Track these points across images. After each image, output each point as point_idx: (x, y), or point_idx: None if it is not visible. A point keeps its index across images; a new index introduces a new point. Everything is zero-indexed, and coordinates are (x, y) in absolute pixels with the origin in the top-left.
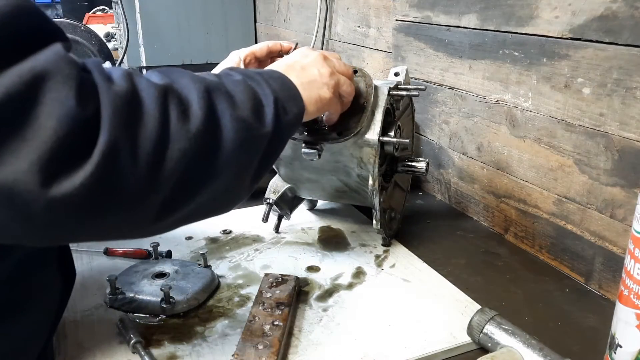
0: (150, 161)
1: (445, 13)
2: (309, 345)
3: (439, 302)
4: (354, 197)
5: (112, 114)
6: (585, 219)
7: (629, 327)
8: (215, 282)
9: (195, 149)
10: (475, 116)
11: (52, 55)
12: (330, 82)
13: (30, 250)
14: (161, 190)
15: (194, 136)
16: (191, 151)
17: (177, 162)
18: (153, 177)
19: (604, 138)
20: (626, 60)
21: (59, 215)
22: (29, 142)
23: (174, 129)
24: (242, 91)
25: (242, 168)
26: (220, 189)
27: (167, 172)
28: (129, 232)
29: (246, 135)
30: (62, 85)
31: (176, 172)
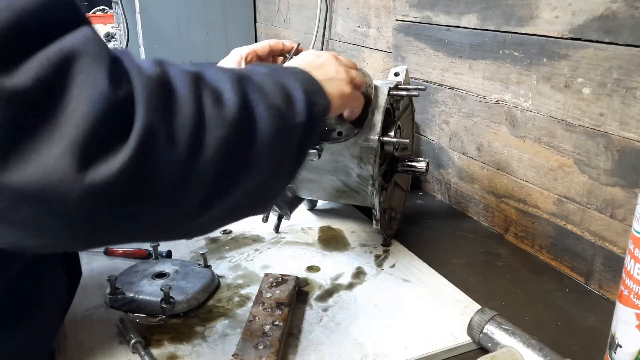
0: (188, 147)
1: (445, 13)
2: (309, 345)
3: (439, 302)
4: (354, 197)
5: (147, 97)
6: (585, 219)
7: (629, 327)
8: (215, 282)
9: (232, 137)
10: (475, 116)
11: (81, 37)
12: (347, 78)
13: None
14: (200, 180)
15: (230, 124)
16: (228, 139)
17: (215, 150)
18: (191, 165)
19: (604, 138)
20: (626, 60)
21: (95, 207)
22: (61, 127)
23: (210, 116)
24: (270, 82)
25: (278, 159)
26: (258, 182)
27: (205, 161)
28: (166, 229)
29: (281, 124)
30: (93, 66)
31: (214, 161)
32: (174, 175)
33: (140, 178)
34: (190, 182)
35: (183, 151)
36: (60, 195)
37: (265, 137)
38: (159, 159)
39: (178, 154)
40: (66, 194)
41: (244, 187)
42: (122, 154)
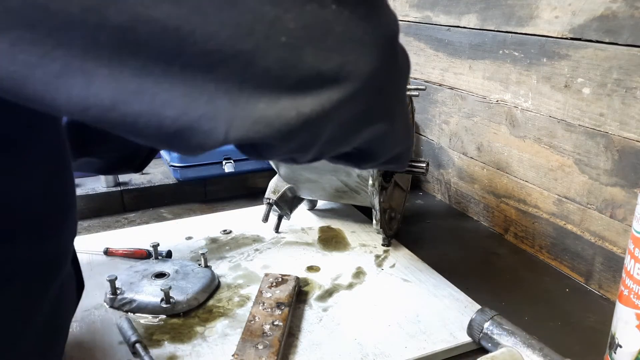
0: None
1: (445, 13)
2: (309, 345)
3: (439, 302)
4: (354, 197)
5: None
6: (585, 219)
7: (629, 327)
8: (215, 282)
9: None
10: (475, 116)
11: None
12: None
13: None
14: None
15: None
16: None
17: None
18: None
19: (604, 138)
20: (626, 60)
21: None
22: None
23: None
24: None
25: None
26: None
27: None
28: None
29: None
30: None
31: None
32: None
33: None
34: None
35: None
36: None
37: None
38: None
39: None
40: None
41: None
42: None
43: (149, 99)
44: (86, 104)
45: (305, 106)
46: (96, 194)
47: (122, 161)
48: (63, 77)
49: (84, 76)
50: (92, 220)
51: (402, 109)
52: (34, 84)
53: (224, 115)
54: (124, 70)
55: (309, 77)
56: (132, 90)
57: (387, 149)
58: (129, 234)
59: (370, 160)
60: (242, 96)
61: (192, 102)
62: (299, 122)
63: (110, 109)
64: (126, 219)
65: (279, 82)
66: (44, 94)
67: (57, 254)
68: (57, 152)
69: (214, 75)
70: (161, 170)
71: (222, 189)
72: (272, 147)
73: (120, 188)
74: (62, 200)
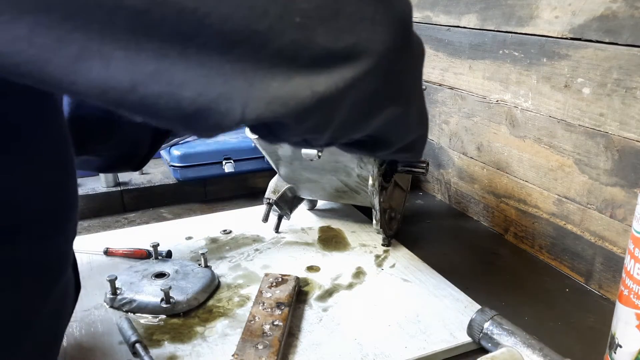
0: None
1: (445, 13)
2: (309, 345)
3: (439, 302)
4: (354, 197)
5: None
6: (585, 219)
7: (629, 327)
8: (215, 282)
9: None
10: (475, 116)
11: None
12: None
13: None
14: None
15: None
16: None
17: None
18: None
19: (604, 138)
20: (626, 60)
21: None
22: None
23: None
24: None
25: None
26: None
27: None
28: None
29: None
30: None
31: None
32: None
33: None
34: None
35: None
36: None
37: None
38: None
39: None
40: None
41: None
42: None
43: (167, 80)
44: (105, 86)
45: (319, 85)
46: (96, 194)
47: (122, 159)
48: (81, 60)
49: (101, 59)
50: (92, 220)
51: (417, 93)
52: (52, 67)
53: (240, 95)
54: (141, 53)
55: (322, 56)
56: (150, 72)
57: (401, 135)
58: (129, 234)
59: (384, 148)
60: (257, 76)
61: (209, 83)
62: (313, 101)
63: (129, 91)
64: (126, 219)
65: (293, 62)
66: (62, 77)
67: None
68: (62, 149)
69: (230, 56)
70: (161, 170)
71: (222, 189)
72: (287, 128)
73: (120, 188)
74: (65, 199)
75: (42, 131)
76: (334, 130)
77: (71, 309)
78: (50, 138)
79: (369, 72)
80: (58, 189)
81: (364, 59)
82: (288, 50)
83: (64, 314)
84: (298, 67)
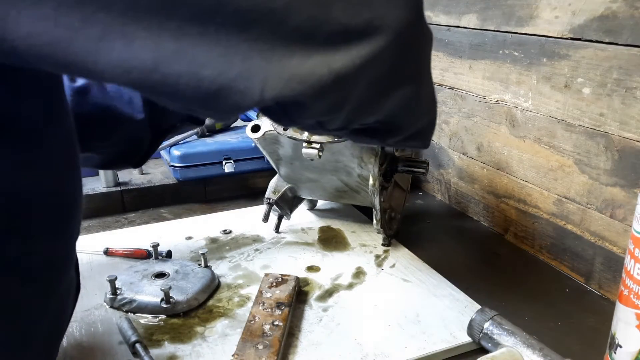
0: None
1: (445, 13)
2: (309, 345)
3: (439, 302)
4: (354, 197)
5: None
6: (585, 219)
7: (629, 327)
8: (215, 282)
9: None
10: (475, 116)
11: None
12: None
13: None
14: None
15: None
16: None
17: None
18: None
19: (604, 138)
20: (626, 60)
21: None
22: None
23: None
24: None
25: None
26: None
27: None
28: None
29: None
30: None
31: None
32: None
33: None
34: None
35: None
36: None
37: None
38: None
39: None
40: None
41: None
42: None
43: (188, 59)
44: (128, 66)
45: (336, 62)
46: (96, 194)
47: (122, 156)
48: (104, 40)
49: (124, 39)
50: (92, 220)
51: (427, 75)
52: (76, 48)
53: (258, 74)
54: (162, 33)
55: (339, 33)
56: (171, 51)
57: (412, 119)
58: (129, 234)
59: (395, 134)
60: (275, 55)
61: (228, 62)
62: (330, 78)
63: (153, 70)
64: (126, 219)
65: (310, 39)
66: (86, 57)
67: (65, 253)
68: (70, 147)
69: (248, 34)
70: (161, 170)
71: (222, 189)
72: (304, 107)
73: (120, 188)
74: (72, 197)
75: (52, 130)
76: (349, 111)
77: (71, 309)
78: (59, 137)
79: (386, 49)
80: (66, 187)
81: (380, 34)
82: (305, 27)
83: (65, 314)
84: (315, 44)
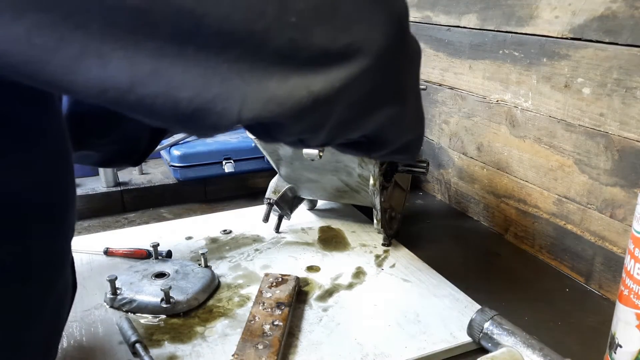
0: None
1: (445, 13)
2: (309, 345)
3: (439, 302)
4: (354, 197)
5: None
6: (585, 219)
7: (629, 327)
8: (215, 282)
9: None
10: (475, 116)
11: None
12: None
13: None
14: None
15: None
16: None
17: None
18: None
19: (604, 138)
20: (626, 60)
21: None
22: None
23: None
24: None
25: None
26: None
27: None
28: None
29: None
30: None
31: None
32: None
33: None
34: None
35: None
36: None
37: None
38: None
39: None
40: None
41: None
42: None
43: (165, 80)
44: (104, 86)
45: (315, 84)
46: (96, 194)
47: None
48: (80, 60)
49: (101, 59)
50: (92, 220)
51: (413, 94)
52: (52, 68)
53: (236, 95)
54: (139, 52)
55: (319, 56)
56: (148, 72)
57: (397, 136)
58: (129, 234)
59: (379, 148)
60: (254, 76)
61: (206, 83)
62: (309, 101)
63: (128, 91)
64: (126, 219)
65: (289, 62)
66: (62, 77)
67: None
68: (62, 146)
69: (227, 56)
70: (161, 170)
71: (222, 189)
72: (284, 127)
73: (120, 188)
74: (66, 195)
75: (44, 129)
76: (330, 129)
77: (69, 308)
78: (51, 136)
79: (365, 72)
80: (60, 186)
81: (360, 58)
82: (285, 50)
83: (63, 313)
84: (295, 67)
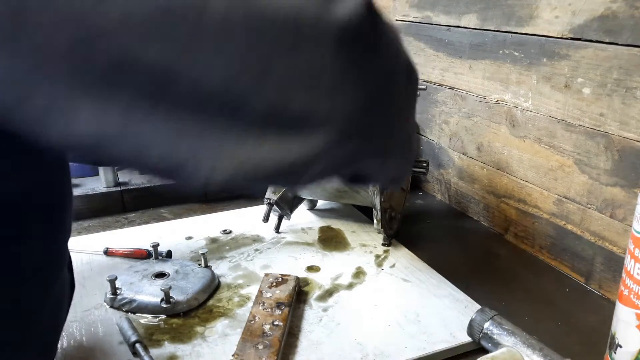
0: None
1: (445, 13)
2: (309, 345)
3: (439, 302)
4: (354, 196)
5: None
6: (585, 219)
7: (629, 327)
8: (215, 282)
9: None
10: (475, 116)
11: None
12: None
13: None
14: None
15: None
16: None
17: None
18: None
19: (604, 138)
20: (626, 60)
21: (349, 57)
22: None
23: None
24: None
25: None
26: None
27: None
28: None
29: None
30: None
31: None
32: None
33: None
34: None
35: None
36: (314, 37)
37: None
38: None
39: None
40: (320, 35)
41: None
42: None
43: (133, 139)
44: (69, 142)
45: (290, 151)
46: (96, 194)
47: None
48: (48, 114)
49: (67, 114)
50: (92, 220)
51: (399, 144)
52: (20, 118)
53: (208, 158)
54: (108, 109)
55: (296, 123)
56: (116, 130)
57: (381, 175)
58: (129, 234)
59: (364, 183)
60: (227, 140)
61: (177, 143)
62: (283, 167)
63: (93, 150)
64: (126, 219)
65: (264, 128)
66: (33, 128)
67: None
68: None
69: (200, 117)
70: None
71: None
72: (259, 185)
73: (120, 188)
74: (64, 196)
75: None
76: (309, 181)
77: (67, 307)
78: None
79: (342, 139)
80: (59, 187)
81: (337, 124)
82: (262, 115)
83: (62, 312)
84: (271, 132)
